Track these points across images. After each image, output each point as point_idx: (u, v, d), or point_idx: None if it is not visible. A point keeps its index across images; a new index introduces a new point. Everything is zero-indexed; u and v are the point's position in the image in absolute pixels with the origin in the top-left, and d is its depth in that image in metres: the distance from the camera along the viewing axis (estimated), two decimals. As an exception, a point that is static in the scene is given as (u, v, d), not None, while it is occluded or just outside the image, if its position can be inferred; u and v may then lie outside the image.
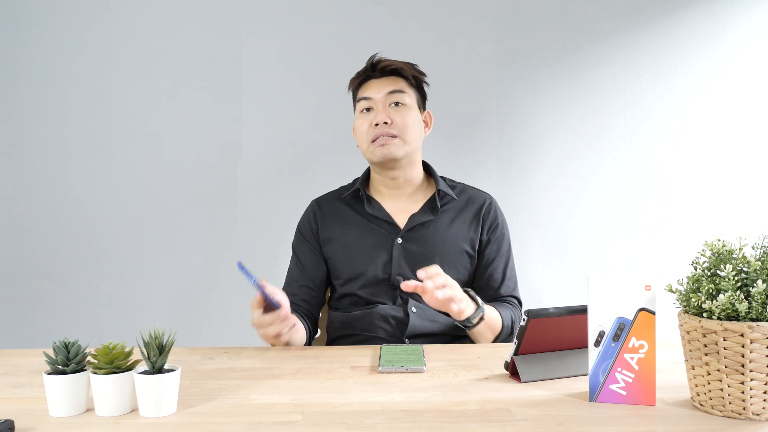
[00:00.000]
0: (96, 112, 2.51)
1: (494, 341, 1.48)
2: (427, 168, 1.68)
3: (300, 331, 1.47)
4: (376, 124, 1.55)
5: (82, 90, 2.51)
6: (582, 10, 2.49)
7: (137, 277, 2.53)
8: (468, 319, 1.37)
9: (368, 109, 1.59)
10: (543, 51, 2.50)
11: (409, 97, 1.60)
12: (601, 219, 2.52)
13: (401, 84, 1.60)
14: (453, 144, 2.51)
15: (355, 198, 1.65)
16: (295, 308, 1.57)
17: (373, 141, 1.55)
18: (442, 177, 1.68)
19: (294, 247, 1.68)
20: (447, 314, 1.41)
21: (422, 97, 1.67)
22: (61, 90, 2.51)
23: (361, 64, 1.68)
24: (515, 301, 1.62)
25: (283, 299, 1.33)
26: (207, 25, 2.50)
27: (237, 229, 2.53)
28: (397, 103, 1.58)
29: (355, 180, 1.70)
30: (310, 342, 1.60)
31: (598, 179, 2.52)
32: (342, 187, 1.72)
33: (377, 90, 1.58)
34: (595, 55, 2.50)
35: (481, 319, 1.39)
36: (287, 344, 1.41)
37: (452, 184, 1.68)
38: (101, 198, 2.51)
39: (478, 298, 1.41)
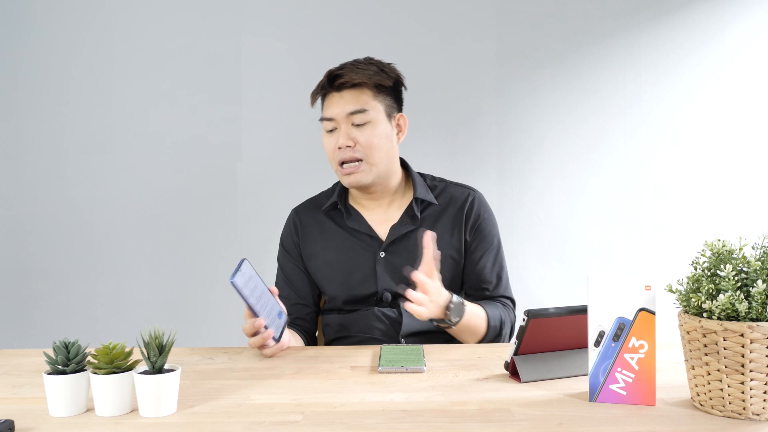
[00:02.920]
0: (96, 112, 2.51)
1: (482, 341, 1.45)
2: (406, 168, 1.60)
3: (298, 343, 1.48)
4: (340, 147, 1.47)
5: (82, 90, 2.51)
6: (582, 10, 2.49)
7: (137, 277, 2.53)
8: (441, 320, 1.36)
9: (332, 130, 1.50)
10: (543, 51, 2.50)
11: (374, 110, 1.49)
12: (601, 219, 2.52)
13: (363, 98, 1.48)
14: (453, 144, 2.51)
15: (336, 209, 1.59)
16: (293, 327, 1.55)
17: (340, 165, 1.49)
18: (423, 175, 1.61)
19: (279, 261, 1.64)
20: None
21: (395, 99, 1.55)
22: (61, 90, 2.51)
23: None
24: (508, 302, 1.56)
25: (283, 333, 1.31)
26: (207, 25, 2.50)
27: (237, 229, 2.53)
28: (360, 123, 1.48)
29: (335, 185, 1.63)
30: None
31: (598, 179, 2.52)
32: (322, 194, 1.65)
33: (338, 108, 1.48)
34: (595, 55, 2.50)
35: (453, 322, 1.37)
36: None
37: (433, 184, 1.60)
38: (101, 198, 2.51)
39: (456, 299, 1.37)
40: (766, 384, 0.86)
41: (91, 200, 2.52)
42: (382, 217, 1.56)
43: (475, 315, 1.42)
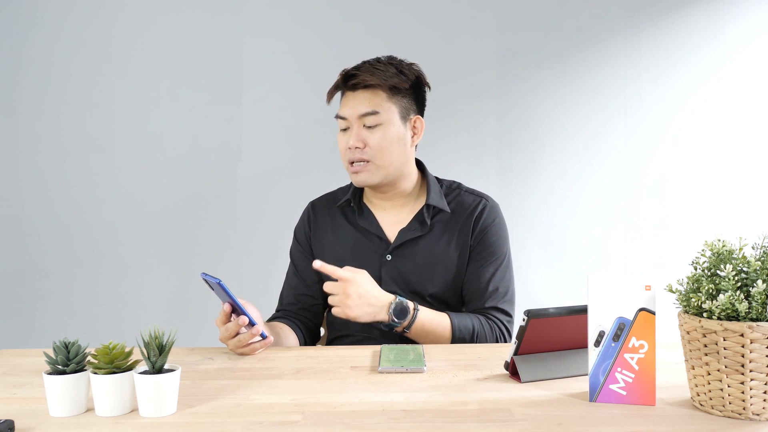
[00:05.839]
0: (96, 112, 2.51)
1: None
2: (423, 170, 1.59)
3: (284, 342, 1.46)
4: (349, 148, 1.47)
5: (82, 90, 2.51)
6: (582, 10, 2.49)
7: (137, 277, 2.53)
8: (387, 324, 1.38)
9: (345, 128, 1.50)
10: (543, 51, 2.50)
11: (387, 112, 1.47)
12: (601, 219, 2.52)
13: (376, 100, 1.47)
14: (453, 144, 2.51)
15: (350, 206, 1.58)
16: (295, 317, 1.55)
17: (350, 164, 1.49)
18: (439, 179, 1.61)
19: (291, 252, 1.64)
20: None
21: (414, 101, 1.53)
22: (61, 90, 2.51)
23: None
24: (497, 314, 1.49)
25: (253, 312, 1.31)
26: (207, 24, 2.50)
27: (237, 229, 2.53)
28: (371, 125, 1.47)
29: (351, 183, 1.62)
30: (314, 345, 1.59)
31: (598, 179, 2.52)
32: (339, 189, 1.65)
33: (351, 108, 1.48)
34: (595, 55, 2.50)
35: (404, 327, 1.38)
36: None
37: (448, 191, 1.58)
38: (101, 198, 2.51)
39: (399, 302, 1.38)
40: (766, 384, 0.86)
41: (91, 200, 2.52)
42: (394, 219, 1.55)
43: (431, 321, 1.41)
